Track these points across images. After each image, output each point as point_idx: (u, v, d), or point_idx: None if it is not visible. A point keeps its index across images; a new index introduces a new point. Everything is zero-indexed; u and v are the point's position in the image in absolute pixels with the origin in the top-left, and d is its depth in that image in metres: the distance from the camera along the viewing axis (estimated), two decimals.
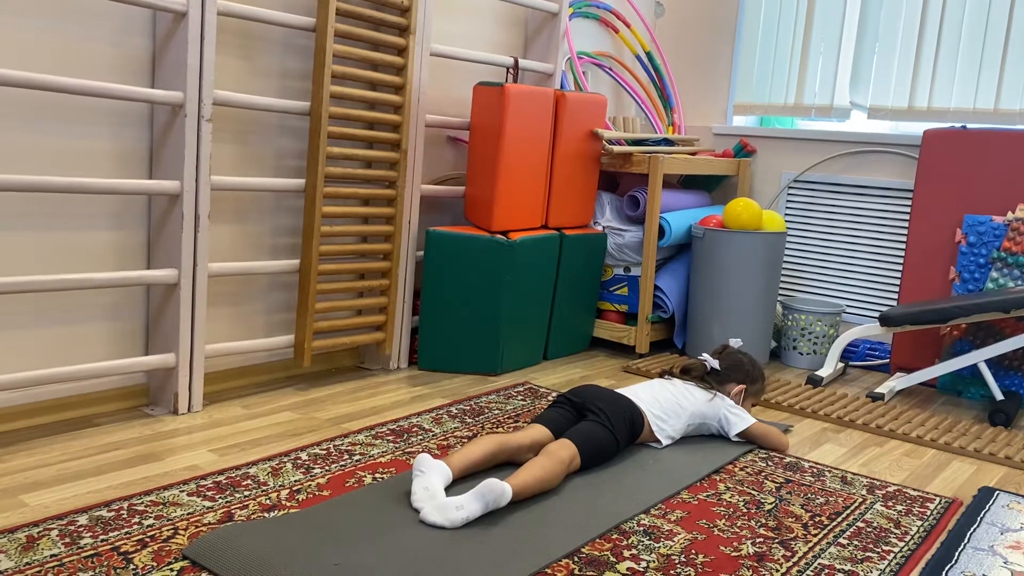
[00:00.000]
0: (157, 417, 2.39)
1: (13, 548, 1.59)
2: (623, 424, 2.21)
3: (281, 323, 2.81)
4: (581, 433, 2.12)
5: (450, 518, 1.76)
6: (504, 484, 1.82)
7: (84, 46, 2.23)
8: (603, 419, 2.17)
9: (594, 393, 2.27)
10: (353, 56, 2.65)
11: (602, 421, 2.16)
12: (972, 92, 3.36)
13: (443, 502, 1.79)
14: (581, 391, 2.28)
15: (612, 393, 2.29)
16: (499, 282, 2.94)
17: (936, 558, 1.81)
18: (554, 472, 1.97)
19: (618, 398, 2.27)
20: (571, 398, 2.26)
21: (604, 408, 2.19)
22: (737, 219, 3.26)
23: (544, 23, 3.42)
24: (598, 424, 2.15)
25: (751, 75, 3.92)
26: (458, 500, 1.79)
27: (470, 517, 1.77)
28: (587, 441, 2.11)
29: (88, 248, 2.32)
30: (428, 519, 1.77)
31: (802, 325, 3.44)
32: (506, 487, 1.82)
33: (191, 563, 1.58)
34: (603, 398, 2.24)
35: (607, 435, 2.15)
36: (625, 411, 2.24)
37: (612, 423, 2.17)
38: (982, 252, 3.07)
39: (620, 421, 2.20)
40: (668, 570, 1.67)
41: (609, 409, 2.20)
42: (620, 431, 2.19)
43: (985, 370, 2.85)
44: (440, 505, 1.79)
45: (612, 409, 2.21)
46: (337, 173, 2.66)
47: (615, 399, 2.26)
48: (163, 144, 2.36)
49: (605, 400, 2.23)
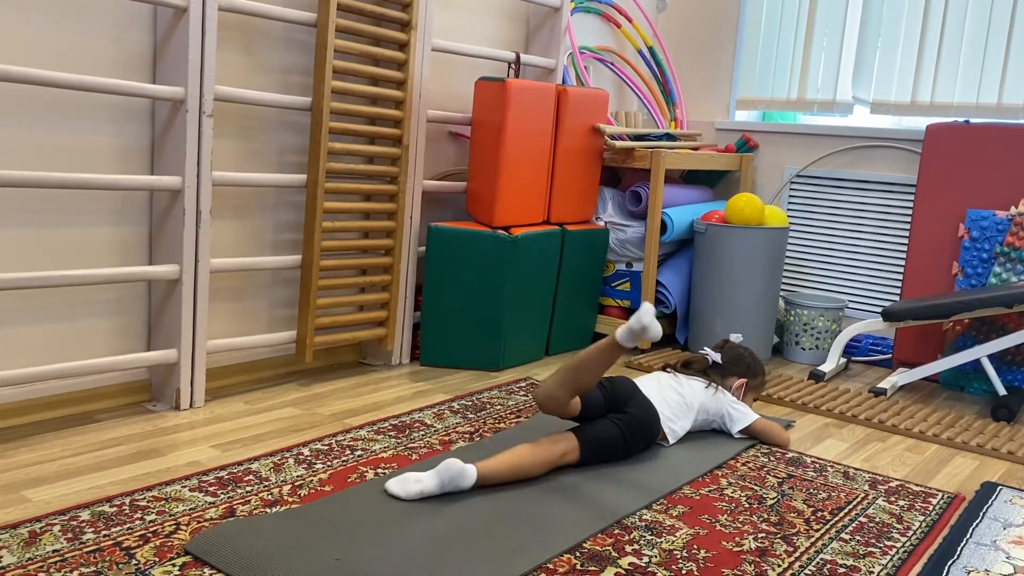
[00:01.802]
0: (159, 413, 2.39)
1: (15, 543, 1.59)
2: (641, 440, 2.20)
3: (283, 319, 2.81)
4: (593, 433, 2.11)
5: (407, 489, 1.85)
6: (467, 466, 1.88)
7: (85, 42, 2.23)
8: (624, 428, 2.14)
9: (630, 394, 2.21)
10: (354, 51, 2.64)
11: (623, 429, 2.14)
12: (975, 87, 3.35)
13: (405, 475, 1.88)
14: (620, 386, 2.21)
15: (645, 401, 2.22)
16: (501, 278, 2.94)
17: (939, 553, 1.80)
18: (533, 462, 1.99)
19: (648, 410, 2.22)
20: (613, 387, 2.19)
21: (632, 417, 2.16)
22: (739, 214, 3.26)
23: (546, 18, 3.42)
24: (617, 430, 2.13)
25: (753, 70, 3.91)
26: (418, 475, 1.88)
27: (425, 492, 1.85)
28: (594, 443, 2.10)
29: (90, 244, 2.32)
30: (388, 488, 1.87)
31: (804, 320, 3.43)
32: (469, 469, 1.87)
33: (193, 558, 1.58)
34: (636, 404, 2.19)
35: (620, 443, 2.14)
36: (649, 429, 2.21)
37: (631, 434, 2.16)
38: (985, 247, 3.07)
39: (640, 437, 2.19)
40: (670, 565, 1.67)
41: (636, 420, 2.17)
42: (635, 444, 2.18)
43: (988, 365, 2.85)
44: (402, 478, 1.88)
45: (639, 420, 2.18)
46: (339, 169, 2.66)
47: (646, 410, 2.21)
48: (164, 140, 2.36)
49: (637, 406, 2.19)
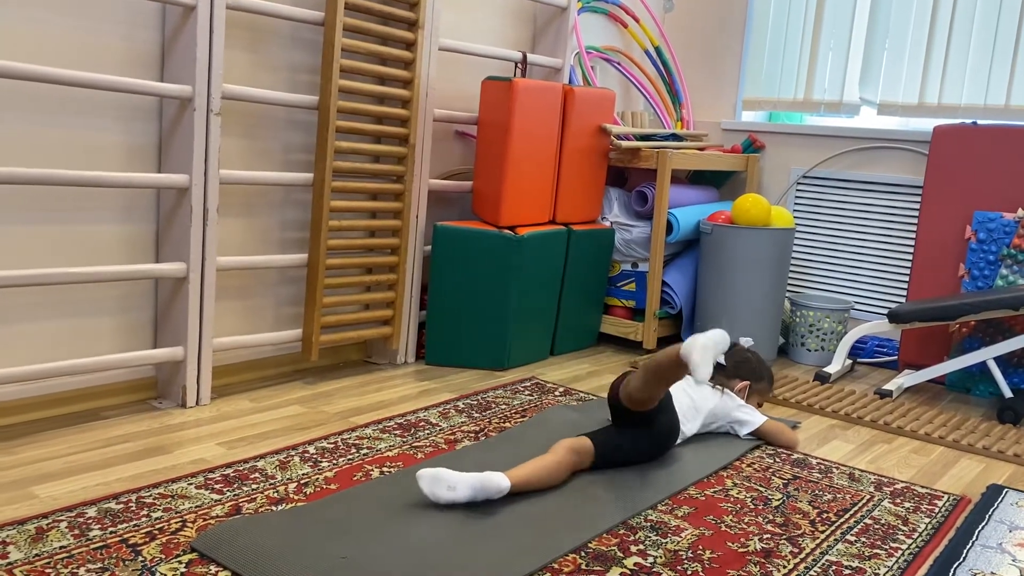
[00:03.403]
0: (165, 410, 2.40)
1: (23, 539, 1.60)
2: (658, 452, 2.20)
3: (289, 317, 2.82)
4: (609, 448, 2.10)
5: (437, 494, 1.81)
6: (502, 481, 1.84)
7: (94, 40, 2.23)
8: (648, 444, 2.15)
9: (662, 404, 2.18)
10: (361, 50, 2.64)
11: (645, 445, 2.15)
12: (983, 88, 3.34)
13: (439, 475, 1.82)
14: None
15: (674, 416, 2.22)
16: (506, 277, 2.94)
17: (944, 555, 1.80)
18: (561, 472, 1.99)
19: (673, 424, 2.21)
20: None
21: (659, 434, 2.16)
22: (746, 215, 3.25)
23: (553, 18, 3.42)
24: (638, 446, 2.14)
25: (760, 70, 3.91)
26: (452, 480, 1.81)
27: (456, 501, 1.81)
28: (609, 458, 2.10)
29: (97, 241, 2.32)
30: (421, 481, 1.81)
31: (810, 321, 3.43)
32: (503, 484, 1.84)
33: (199, 555, 1.59)
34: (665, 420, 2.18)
35: (636, 455, 2.14)
36: (670, 442, 2.21)
37: (651, 448, 2.16)
38: (992, 249, 3.06)
39: (659, 449, 2.19)
40: (675, 565, 1.67)
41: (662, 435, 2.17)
42: (651, 456, 2.18)
43: (994, 367, 2.84)
44: (435, 477, 1.82)
45: (665, 435, 2.18)
46: (345, 167, 2.66)
47: (671, 426, 2.21)
48: (172, 138, 2.37)
49: (666, 422, 2.18)
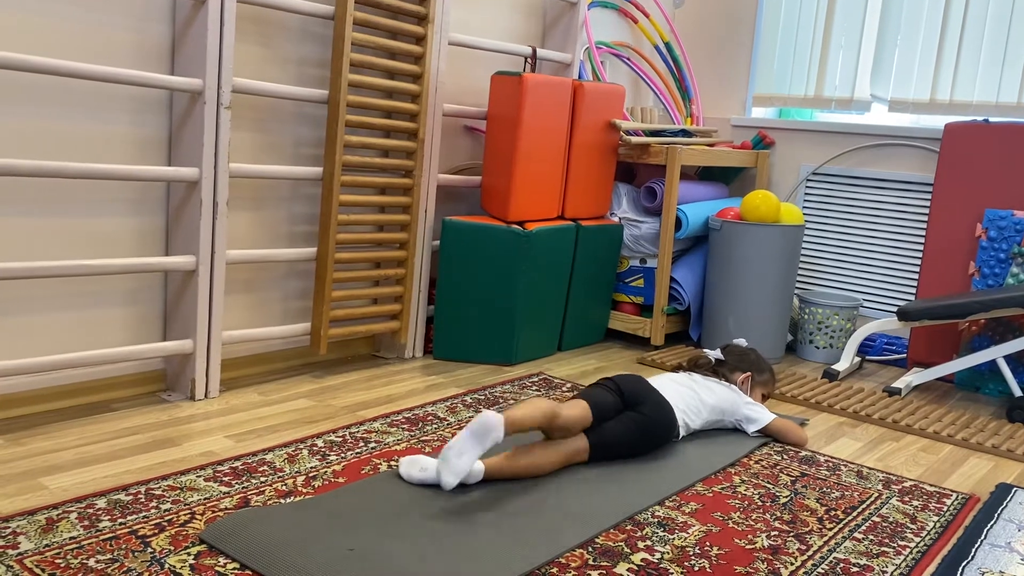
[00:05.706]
0: (174, 403, 2.40)
1: (33, 530, 1.61)
2: (654, 440, 2.20)
3: (298, 311, 2.82)
4: (604, 437, 2.10)
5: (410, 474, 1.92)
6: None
7: (104, 33, 2.24)
8: (637, 430, 2.14)
9: (644, 393, 2.20)
10: (371, 44, 2.64)
11: (636, 432, 2.14)
12: (995, 85, 3.33)
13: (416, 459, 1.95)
14: (631, 386, 2.20)
15: (660, 401, 2.22)
16: (515, 272, 2.94)
17: (952, 554, 1.80)
18: (548, 461, 2.02)
19: (663, 410, 2.22)
20: (621, 388, 2.18)
21: (647, 419, 2.16)
22: (755, 211, 3.24)
23: (562, 12, 3.41)
24: (629, 433, 2.13)
25: (771, 66, 3.89)
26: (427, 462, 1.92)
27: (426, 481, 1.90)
28: (604, 447, 2.10)
29: (107, 234, 2.33)
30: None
31: (819, 319, 3.42)
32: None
33: (208, 547, 1.59)
34: (651, 405, 2.19)
35: (631, 445, 2.14)
36: (664, 429, 2.21)
37: (644, 436, 2.16)
38: (1002, 247, 3.04)
39: (653, 437, 2.19)
40: (682, 562, 1.67)
41: (651, 421, 2.17)
42: (646, 445, 2.18)
43: (1004, 366, 2.83)
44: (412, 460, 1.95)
45: (653, 421, 2.18)
46: (354, 162, 2.66)
47: (661, 410, 2.21)
48: (182, 131, 2.37)
49: (653, 408, 2.19)
